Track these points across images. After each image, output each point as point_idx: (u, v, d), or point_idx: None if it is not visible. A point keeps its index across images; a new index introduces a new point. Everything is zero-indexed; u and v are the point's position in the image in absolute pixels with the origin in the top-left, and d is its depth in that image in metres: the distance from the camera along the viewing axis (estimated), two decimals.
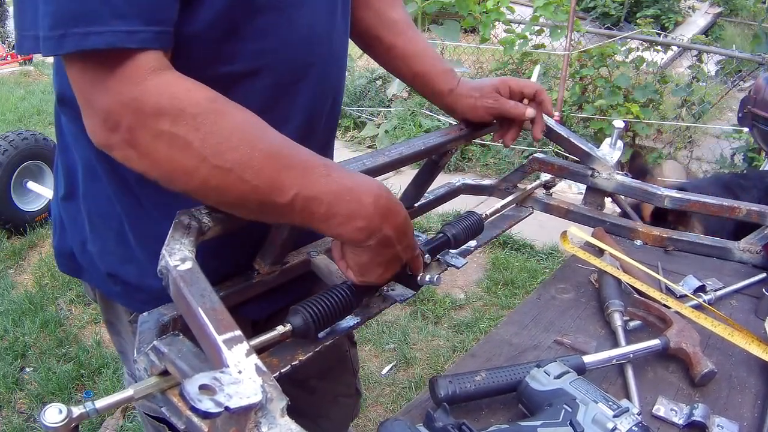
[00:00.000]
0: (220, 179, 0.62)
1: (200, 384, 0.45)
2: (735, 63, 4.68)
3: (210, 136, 0.61)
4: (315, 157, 0.67)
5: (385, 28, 1.04)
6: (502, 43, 4.62)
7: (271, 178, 0.63)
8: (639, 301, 0.98)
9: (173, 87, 0.62)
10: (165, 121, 0.60)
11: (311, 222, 0.67)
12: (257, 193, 0.63)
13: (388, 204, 0.70)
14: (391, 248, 0.72)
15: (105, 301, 0.98)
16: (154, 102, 0.60)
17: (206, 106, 0.62)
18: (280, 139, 0.66)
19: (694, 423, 0.79)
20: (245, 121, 0.65)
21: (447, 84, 1.06)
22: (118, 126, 0.60)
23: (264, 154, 0.63)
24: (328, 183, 0.66)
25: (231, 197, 0.64)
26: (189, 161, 0.61)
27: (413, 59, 1.05)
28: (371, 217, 0.68)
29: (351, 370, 1.26)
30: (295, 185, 0.64)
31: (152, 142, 0.61)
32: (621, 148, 1.21)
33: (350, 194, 0.67)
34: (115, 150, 0.62)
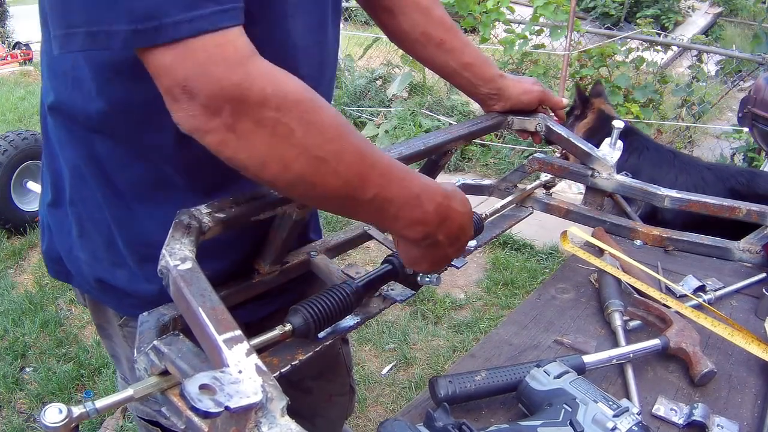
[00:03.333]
0: (316, 170, 0.62)
1: (200, 384, 0.45)
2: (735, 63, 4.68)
3: (312, 126, 0.61)
4: (390, 159, 0.70)
5: (434, 24, 1.10)
6: (502, 43, 4.62)
7: (360, 173, 0.65)
8: (639, 301, 0.98)
9: (274, 73, 0.61)
10: (270, 108, 0.59)
11: (381, 220, 0.72)
12: (346, 187, 0.64)
13: (447, 212, 0.73)
14: (441, 250, 0.76)
15: (95, 305, 0.98)
16: (259, 88, 0.58)
17: (306, 95, 0.62)
18: (363, 137, 0.68)
19: (694, 423, 0.79)
20: (336, 114, 0.65)
21: (497, 70, 1.16)
22: (220, 111, 0.58)
23: (355, 150, 0.65)
24: (403, 187, 0.69)
25: (320, 190, 0.64)
26: (290, 150, 0.61)
27: (462, 50, 1.12)
28: (430, 224, 0.72)
29: (344, 368, 1.27)
30: (377, 185, 0.66)
31: (254, 129, 0.59)
32: (621, 148, 1.21)
33: (417, 200, 0.70)
34: (211, 135, 0.60)
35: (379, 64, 5.66)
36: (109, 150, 0.77)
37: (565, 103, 1.24)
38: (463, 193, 0.78)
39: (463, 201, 0.77)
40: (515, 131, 1.23)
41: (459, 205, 0.75)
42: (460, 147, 1.20)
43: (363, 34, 5.62)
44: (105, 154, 0.78)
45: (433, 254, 0.76)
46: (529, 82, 1.19)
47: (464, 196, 0.78)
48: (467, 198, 0.79)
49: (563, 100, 1.23)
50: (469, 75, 1.14)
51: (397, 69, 5.47)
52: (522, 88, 1.17)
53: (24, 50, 7.70)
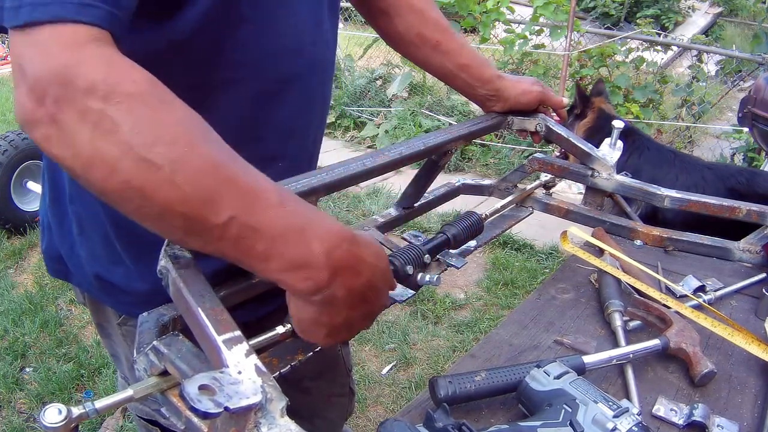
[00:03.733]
0: (146, 177, 0.52)
1: (200, 384, 0.45)
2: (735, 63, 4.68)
3: (143, 123, 0.52)
4: (268, 182, 0.57)
5: (429, 26, 1.09)
6: (502, 43, 4.62)
7: (207, 189, 0.53)
8: (639, 301, 0.98)
9: (111, 61, 0.54)
10: (95, 98, 0.51)
11: (246, 258, 0.56)
12: (187, 204, 0.53)
13: (346, 259, 0.57)
14: (339, 312, 0.59)
15: (94, 304, 0.98)
16: (85, 72, 0.51)
17: (146, 88, 0.54)
18: (227, 150, 0.57)
19: (694, 423, 0.79)
20: (189, 117, 0.56)
21: (494, 71, 1.14)
22: (44, 97, 0.52)
23: (204, 159, 0.53)
24: (276, 215, 0.55)
25: (155, 205, 0.53)
26: (113, 148, 0.51)
27: (459, 51, 1.12)
28: (319, 270, 0.56)
29: (344, 369, 1.27)
30: (234, 206, 0.53)
31: (77, 121, 0.51)
32: (621, 148, 1.21)
33: (299, 236, 0.55)
34: (37, 127, 0.53)
35: (379, 64, 5.66)
36: None
37: (566, 103, 1.23)
38: (378, 244, 0.64)
39: (378, 253, 0.62)
40: (515, 131, 1.23)
41: (370, 256, 0.60)
42: (460, 147, 1.20)
43: (363, 34, 5.62)
44: None
45: (331, 317, 0.59)
46: (528, 82, 1.18)
47: (381, 250, 0.64)
48: (385, 254, 0.65)
49: (563, 100, 1.22)
50: (466, 76, 1.13)
51: (397, 69, 5.47)
52: (521, 88, 1.16)
53: None
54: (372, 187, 3.99)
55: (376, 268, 0.61)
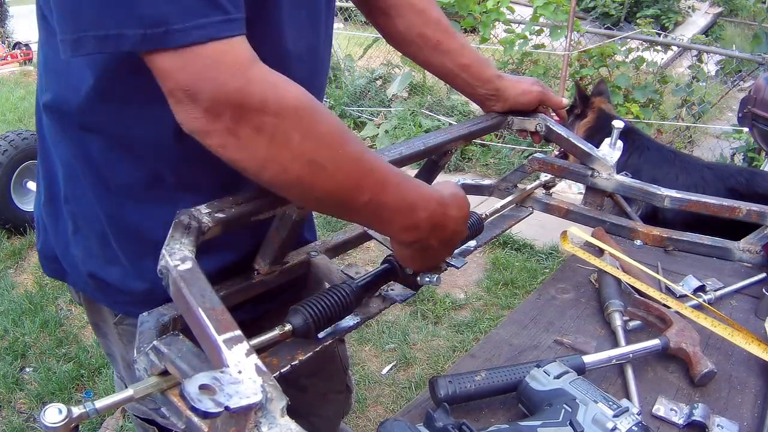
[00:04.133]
0: (313, 175, 0.64)
1: (200, 384, 0.45)
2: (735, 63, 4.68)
3: (310, 132, 0.63)
4: (390, 168, 0.72)
5: (430, 26, 1.10)
6: (502, 43, 4.62)
7: (356, 179, 0.67)
8: (639, 301, 0.98)
9: (275, 79, 0.63)
10: (269, 114, 0.61)
11: (374, 223, 0.74)
12: (341, 191, 0.67)
13: (441, 219, 0.75)
14: (431, 252, 0.78)
15: (90, 304, 0.98)
16: (259, 93, 0.61)
17: (305, 102, 0.64)
18: (361, 143, 0.70)
19: (694, 423, 0.79)
20: (337, 122, 0.67)
21: (495, 71, 1.16)
22: (221, 116, 0.60)
23: (353, 155, 0.67)
24: (398, 193, 0.71)
25: (317, 193, 0.66)
26: (287, 155, 0.63)
27: (460, 51, 1.12)
28: (422, 230, 0.74)
29: (340, 366, 1.27)
30: (372, 190, 0.68)
31: (254, 134, 0.61)
32: (621, 148, 1.21)
33: (411, 207, 0.72)
34: (212, 137, 0.62)
35: (379, 64, 5.66)
36: (102, 148, 0.78)
37: (566, 103, 1.23)
38: (462, 194, 0.79)
39: (460, 205, 0.78)
40: (515, 131, 1.23)
41: (455, 211, 0.77)
42: (460, 147, 1.20)
43: (363, 34, 5.62)
44: (97, 152, 0.78)
45: (423, 256, 0.79)
46: (528, 82, 1.18)
47: (463, 198, 0.79)
48: (466, 199, 0.80)
49: (563, 100, 1.22)
50: (467, 76, 1.13)
51: (397, 69, 5.47)
52: (521, 88, 1.16)
53: (24, 50, 7.70)
54: None
55: (459, 219, 0.78)
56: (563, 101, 1.22)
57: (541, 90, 1.18)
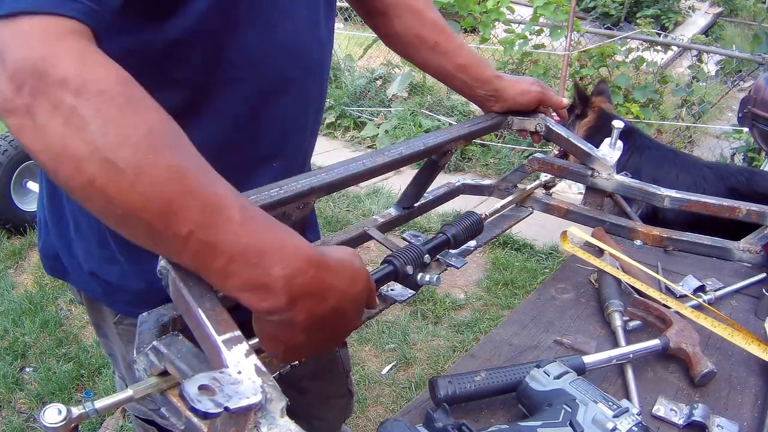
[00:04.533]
0: (109, 179, 0.51)
1: (200, 384, 0.45)
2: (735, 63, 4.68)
3: (112, 123, 0.51)
4: (233, 197, 0.55)
5: (427, 27, 1.09)
6: (502, 43, 4.62)
7: (168, 199, 0.52)
8: (639, 301, 0.98)
9: (86, 55, 0.53)
10: (67, 91, 0.51)
11: (205, 272, 0.55)
12: (147, 211, 0.52)
13: (309, 285, 0.55)
14: (297, 333, 0.57)
15: (91, 303, 0.98)
16: (60, 65, 0.52)
17: (117, 87, 0.53)
18: (196, 159, 0.55)
19: (694, 423, 0.79)
20: (159, 120, 0.55)
21: (493, 71, 1.14)
22: (22, 86, 0.52)
23: (168, 168, 0.52)
24: (237, 233, 0.53)
25: (117, 207, 0.52)
26: (80, 146, 0.51)
27: (457, 52, 1.11)
28: (276, 294, 0.54)
29: (342, 370, 1.26)
30: (194, 220, 0.52)
31: (49, 113, 0.51)
32: (621, 148, 1.21)
33: (258, 258, 0.53)
34: (12, 116, 0.53)
35: (379, 64, 5.66)
36: None
37: (566, 103, 1.22)
38: (360, 266, 0.61)
39: (353, 276, 0.59)
40: (515, 131, 1.23)
41: (339, 281, 0.58)
42: (460, 147, 1.20)
43: (363, 34, 5.61)
44: None
45: (288, 338, 0.58)
46: (527, 82, 1.18)
47: (359, 270, 0.60)
48: (364, 273, 0.61)
49: (563, 100, 1.21)
50: (465, 77, 1.13)
51: (397, 69, 5.47)
52: (520, 88, 1.16)
53: None
54: (372, 187, 3.99)
55: (344, 294, 0.58)
56: (563, 101, 1.21)
57: (541, 90, 1.18)
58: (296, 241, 0.56)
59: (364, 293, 0.61)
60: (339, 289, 0.58)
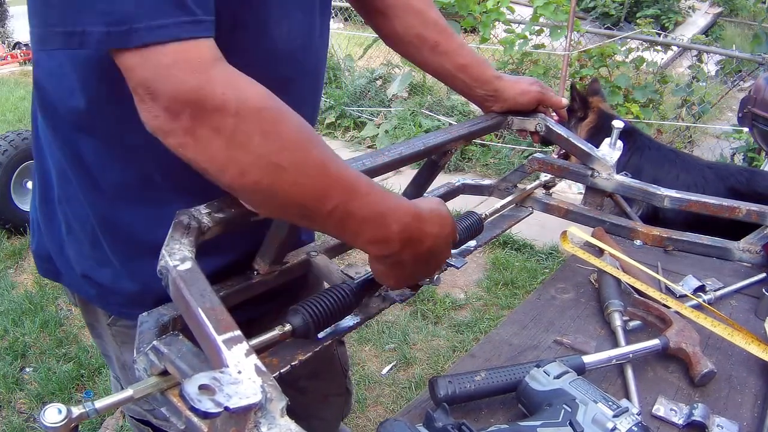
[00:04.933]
0: (274, 179, 0.62)
1: (200, 384, 0.45)
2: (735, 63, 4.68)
3: (271, 135, 0.61)
4: (359, 176, 0.69)
5: (428, 27, 1.09)
6: (502, 43, 4.62)
7: (321, 185, 0.64)
8: (639, 301, 0.98)
9: (237, 79, 0.61)
10: (228, 114, 0.59)
11: (342, 233, 0.70)
12: (305, 197, 0.64)
13: (415, 234, 0.71)
14: (405, 269, 0.74)
15: (84, 305, 0.98)
16: (219, 92, 0.59)
17: (268, 102, 0.62)
18: (330, 150, 0.67)
19: (694, 423, 0.79)
20: (302, 124, 0.65)
21: (493, 71, 1.15)
22: (180, 115, 0.59)
23: (318, 160, 0.64)
24: (367, 203, 0.67)
25: (279, 199, 0.64)
26: (246, 156, 0.60)
27: (457, 52, 1.12)
28: (393, 244, 0.70)
29: (340, 369, 1.26)
30: (338, 198, 0.65)
31: (212, 134, 0.60)
32: (621, 148, 1.21)
33: (381, 219, 0.68)
34: (171, 137, 0.61)
35: (379, 64, 5.66)
36: (93, 149, 0.78)
37: (565, 103, 1.22)
38: (445, 212, 0.76)
39: (442, 222, 0.74)
40: (515, 131, 1.23)
41: (433, 227, 0.73)
42: (460, 147, 1.20)
43: (363, 34, 5.61)
44: (88, 154, 0.78)
45: (398, 273, 0.75)
46: (526, 82, 1.17)
47: (445, 215, 0.75)
48: (449, 217, 0.76)
49: (563, 100, 1.21)
50: (465, 77, 1.13)
51: (397, 69, 5.47)
52: (519, 88, 1.16)
53: (24, 50, 7.69)
54: None
55: (437, 236, 0.73)
56: (563, 101, 1.21)
57: (540, 90, 1.18)
58: (404, 203, 0.72)
59: (450, 234, 0.76)
60: (433, 233, 0.73)
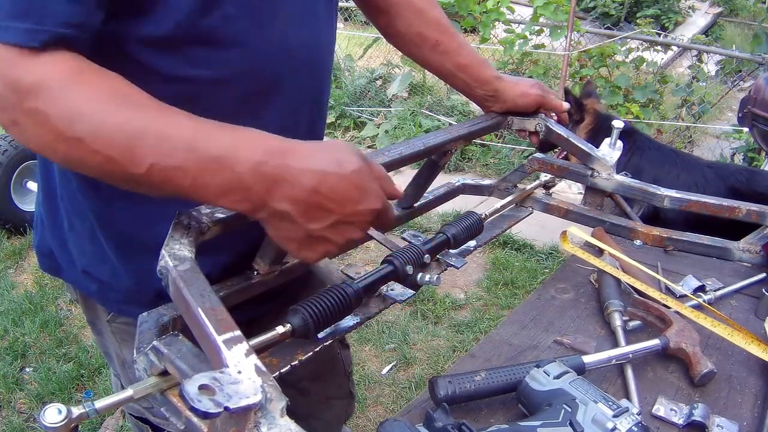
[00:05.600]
0: (76, 151, 0.61)
1: (200, 384, 0.45)
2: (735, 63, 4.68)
3: (64, 109, 0.60)
4: (182, 120, 0.61)
5: (430, 26, 1.09)
6: (502, 43, 4.62)
7: (123, 147, 0.59)
8: (639, 301, 0.98)
9: (42, 64, 0.61)
10: (32, 98, 0.60)
11: (180, 193, 0.61)
12: (113, 164, 0.60)
13: (274, 173, 0.59)
14: (294, 224, 0.61)
15: (85, 301, 0.99)
16: (29, 80, 0.60)
17: (68, 78, 0.61)
18: (144, 105, 0.62)
19: (694, 423, 0.79)
20: (105, 90, 0.62)
21: (494, 72, 1.15)
22: (5, 107, 0.62)
23: (116, 123, 0.59)
24: (192, 150, 0.59)
25: (90, 169, 0.63)
26: (48, 135, 0.61)
27: (458, 51, 1.12)
28: (249, 190, 0.59)
29: (343, 371, 1.26)
30: (150, 155, 0.59)
31: (25, 120, 0.61)
32: (621, 148, 1.21)
33: (218, 164, 0.59)
34: (7, 129, 0.64)
35: (379, 64, 5.66)
36: None
37: (567, 107, 1.21)
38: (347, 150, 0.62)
39: (337, 160, 0.60)
40: (515, 131, 1.23)
41: (314, 163, 0.60)
42: (460, 147, 1.20)
43: (363, 34, 5.61)
44: None
45: (290, 231, 0.62)
46: (527, 84, 1.17)
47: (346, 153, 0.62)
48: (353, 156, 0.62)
49: (564, 104, 1.20)
50: (465, 76, 1.13)
51: (397, 69, 5.46)
52: (519, 90, 1.15)
53: None
54: None
55: (325, 175, 0.59)
56: (564, 104, 1.20)
57: (540, 93, 1.17)
58: (257, 138, 0.61)
59: (359, 174, 0.61)
60: (315, 170, 0.60)
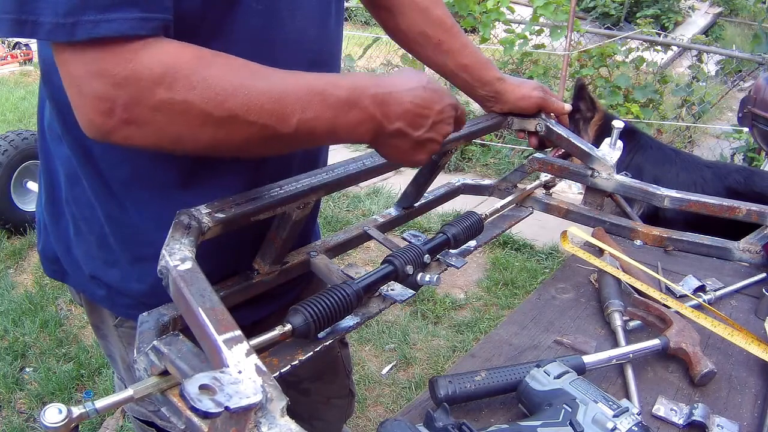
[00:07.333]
0: (228, 128, 0.62)
1: (200, 384, 0.45)
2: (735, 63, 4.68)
3: (208, 91, 0.61)
4: (308, 79, 0.67)
5: (433, 25, 1.09)
6: (502, 43, 4.62)
7: (273, 111, 0.63)
8: (639, 301, 0.98)
9: (161, 53, 0.60)
10: (163, 89, 0.59)
11: (318, 141, 0.70)
12: (266, 130, 0.64)
13: (387, 99, 0.70)
14: (405, 137, 0.74)
15: (90, 305, 0.98)
16: (148, 74, 0.58)
17: (196, 63, 0.61)
18: (271, 71, 0.67)
19: (694, 423, 0.79)
20: (234, 66, 0.64)
21: (496, 73, 1.15)
22: (113, 108, 0.59)
23: (261, 92, 0.63)
24: (324, 99, 0.66)
25: (238, 142, 0.64)
26: (194, 122, 0.61)
27: (461, 51, 1.12)
28: (373, 118, 0.70)
29: (343, 371, 1.26)
30: (295, 112, 0.64)
31: (152, 114, 0.60)
32: (621, 148, 1.21)
33: (347, 105, 0.68)
34: (114, 134, 0.60)
35: (379, 64, 5.66)
36: (102, 147, 0.77)
37: (568, 109, 1.21)
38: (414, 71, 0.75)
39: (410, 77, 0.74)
40: (515, 131, 1.22)
41: (402, 85, 0.72)
42: (460, 147, 1.20)
43: (363, 34, 5.61)
44: (98, 152, 0.78)
45: (403, 143, 0.74)
46: (528, 87, 1.17)
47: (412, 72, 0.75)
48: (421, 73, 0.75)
49: (565, 106, 1.20)
50: (467, 77, 1.13)
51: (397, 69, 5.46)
52: (520, 93, 1.15)
53: (24, 50, 7.70)
54: (372, 187, 3.99)
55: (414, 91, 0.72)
56: (565, 107, 1.20)
57: (542, 96, 1.17)
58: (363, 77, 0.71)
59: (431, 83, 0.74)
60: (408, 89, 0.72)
